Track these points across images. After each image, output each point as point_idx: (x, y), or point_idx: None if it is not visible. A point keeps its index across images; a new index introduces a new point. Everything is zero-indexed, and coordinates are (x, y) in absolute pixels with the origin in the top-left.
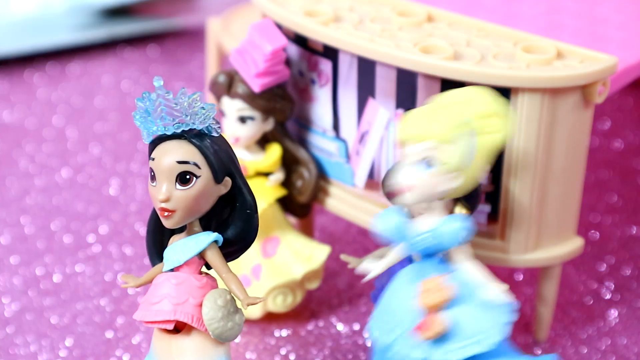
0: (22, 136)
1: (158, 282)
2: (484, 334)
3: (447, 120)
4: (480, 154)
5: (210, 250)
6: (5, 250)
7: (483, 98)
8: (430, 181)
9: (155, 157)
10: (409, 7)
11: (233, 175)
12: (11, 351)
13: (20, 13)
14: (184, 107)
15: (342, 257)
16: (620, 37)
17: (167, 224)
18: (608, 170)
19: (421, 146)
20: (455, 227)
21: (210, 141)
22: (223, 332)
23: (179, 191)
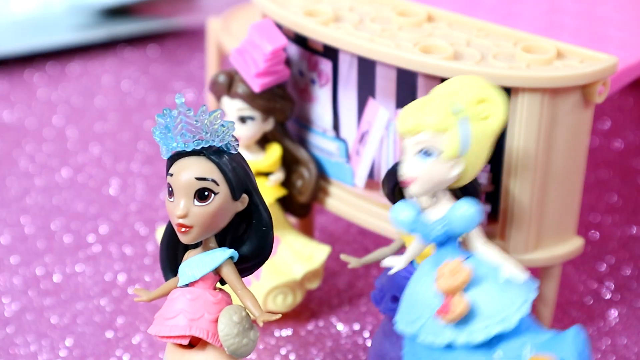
0: (22, 136)
1: (173, 297)
2: (505, 312)
3: (440, 109)
4: (478, 139)
5: (225, 266)
6: (5, 250)
7: (475, 85)
8: (431, 171)
9: (173, 172)
10: (409, 7)
11: (250, 192)
12: (11, 351)
13: (20, 13)
14: (204, 124)
15: (342, 257)
16: (620, 37)
17: (184, 239)
18: (608, 170)
19: (418, 138)
20: (464, 211)
21: (228, 158)
22: (238, 348)
23: (197, 207)
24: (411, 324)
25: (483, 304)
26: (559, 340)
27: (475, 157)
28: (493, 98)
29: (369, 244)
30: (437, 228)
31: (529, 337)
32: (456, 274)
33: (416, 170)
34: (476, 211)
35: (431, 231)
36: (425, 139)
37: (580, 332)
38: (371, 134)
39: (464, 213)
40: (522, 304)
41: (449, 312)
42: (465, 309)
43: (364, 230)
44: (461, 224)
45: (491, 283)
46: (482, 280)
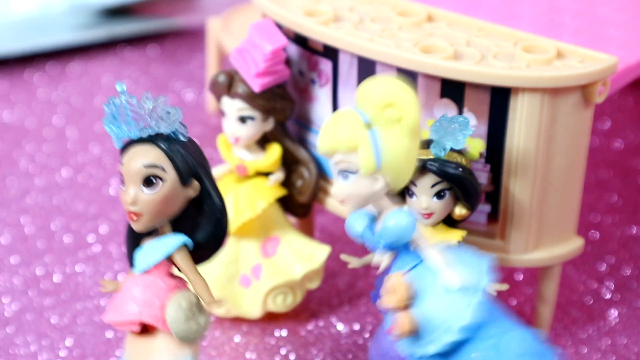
0: (22, 136)
1: (127, 284)
2: (447, 323)
3: (348, 126)
4: (393, 147)
5: (178, 253)
6: (5, 250)
7: (378, 89)
8: (353, 191)
9: (124, 161)
10: (409, 7)
11: (201, 178)
12: (11, 351)
13: (20, 13)
14: (148, 111)
15: (342, 257)
16: (620, 37)
17: (135, 227)
18: (608, 170)
19: (335, 159)
20: (394, 223)
21: (176, 144)
22: (187, 335)
23: (145, 195)
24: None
25: (427, 316)
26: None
27: (397, 164)
28: (398, 100)
29: None
30: (376, 241)
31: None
32: (398, 290)
33: (342, 190)
34: (407, 221)
35: (377, 243)
36: (340, 160)
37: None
38: None
39: (395, 224)
40: (464, 310)
41: (397, 330)
42: (409, 326)
43: None
44: (393, 235)
45: (433, 293)
46: (426, 291)
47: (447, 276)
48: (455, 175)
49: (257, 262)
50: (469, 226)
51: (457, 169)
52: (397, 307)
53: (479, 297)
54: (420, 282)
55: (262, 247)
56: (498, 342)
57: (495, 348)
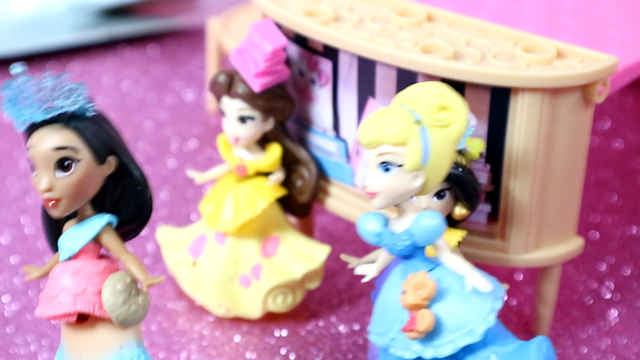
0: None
1: (55, 273)
2: (471, 325)
3: (400, 120)
4: (439, 148)
5: (104, 233)
6: (5, 250)
7: (435, 92)
8: (393, 184)
9: (31, 145)
10: (409, 6)
11: (117, 153)
12: (11, 351)
13: (20, 13)
14: (49, 90)
15: (342, 257)
16: (620, 37)
17: (54, 213)
18: (608, 170)
19: (379, 150)
20: (427, 223)
21: (87, 122)
22: (127, 317)
23: (61, 179)
24: (382, 335)
25: (448, 317)
26: (523, 350)
27: (437, 166)
28: (454, 105)
29: (368, 244)
30: (403, 240)
31: (495, 347)
32: (420, 288)
33: (378, 183)
34: (439, 222)
35: (396, 243)
36: (385, 151)
37: (543, 343)
38: None
39: (427, 225)
40: (488, 314)
41: (414, 329)
42: (430, 325)
43: None
44: (425, 235)
45: (456, 295)
46: (447, 293)
47: (476, 279)
48: (455, 175)
49: (257, 262)
50: (469, 226)
51: (457, 168)
52: (421, 304)
53: (500, 303)
54: (439, 284)
55: (262, 247)
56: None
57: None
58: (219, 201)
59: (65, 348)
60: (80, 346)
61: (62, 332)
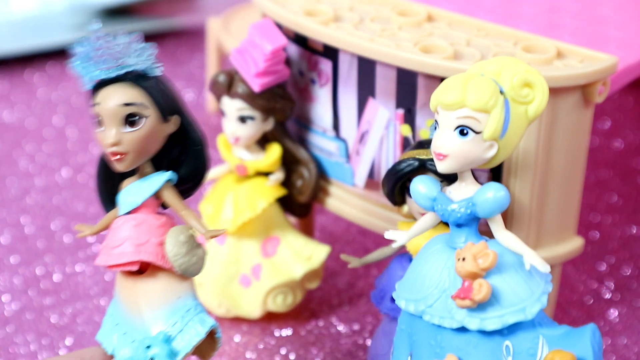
0: (22, 136)
1: (117, 225)
2: (524, 303)
3: (485, 88)
4: (516, 123)
5: (165, 189)
6: (5, 250)
7: (520, 67)
8: (467, 149)
9: (99, 101)
10: (409, 6)
11: (179, 113)
12: (11, 350)
13: (20, 13)
14: (125, 49)
15: (342, 257)
16: (620, 37)
17: (119, 167)
18: (608, 170)
19: (459, 113)
20: (492, 196)
21: (153, 80)
22: (189, 267)
23: (128, 133)
24: (415, 302)
25: (503, 291)
26: (575, 337)
27: (511, 140)
28: (538, 83)
29: (369, 244)
30: (463, 208)
31: (542, 329)
32: (481, 257)
33: (451, 146)
34: (505, 195)
35: (453, 210)
36: (467, 114)
37: (596, 331)
38: (371, 133)
39: (493, 196)
40: (541, 295)
41: (468, 297)
42: (487, 296)
43: (364, 230)
44: (488, 207)
45: (512, 270)
46: (503, 267)
47: (534, 258)
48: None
49: (257, 262)
50: None
51: None
52: (479, 273)
53: (551, 287)
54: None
55: (262, 247)
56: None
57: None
58: (219, 201)
59: (121, 298)
60: (138, 296)
61: (118, 282)
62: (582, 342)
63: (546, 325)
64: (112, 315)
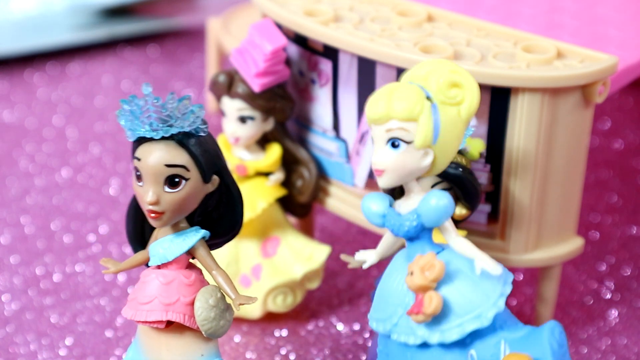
0: (22, 136)
1: (146, 279)
2: (480, 309)
3: (410, 95)
4: (449, 126)
5: (199, 247)
6: (5, 250)
7: (446, 68)
8: (399, 162)
9: (141, 157)
10: (409, 6)
11: (220, 173)
12: (11, 350)
13: (20, 13)
14: (173, 112)
15: (342, 257)
16: (620, 37)
17: (155, 224)
18: (608, 170)
19: (386, 127)
20: (436, 203)
21: (197, 142)
22: (216, 331)
23: (168, 194)
24: (383, 322)
25: (456, 300)
26: (534, 337)
27: (447, 145)
28: (466, 82)
29: (369, 244)
30: (409, 221)
31: (504, 333)
32: (428, 269)
33: (386, 160)
34: (448, 202)
35: (403, 224)
36: (395, 127)
37: (555, 328)
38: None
39: (436, 204)
40: (498, 298)
41: (421, 311)
42: (438, 307)
43: (364, 230)
44: (433, 216)
45: (464, 278)
46: (454, 276)
47: (486, 262)
48: (455, 175)
49: (257, 262)
50: (469, 226)
51: (457, 168)
52: (428, 286)
53: (510, 288)
54: (447, 267)
55: (262, 247)
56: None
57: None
58: None
59: (144, 348)
60: (161, 349)
61: (143, 332)
62: (539, 342)
63: (508, 327)
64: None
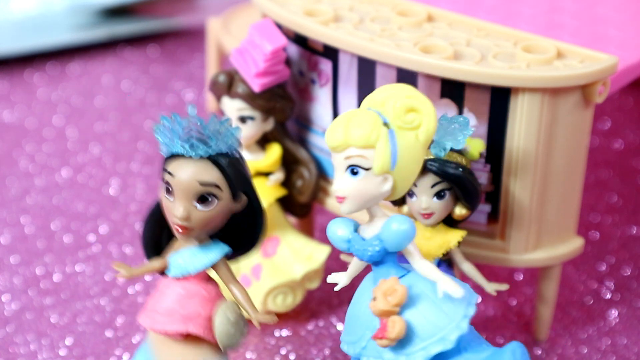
0: (22, 136)
1: (165, 289)
2: (443, 332)
3: (367, 122)
4: (407, 151)
5: (221, 262)
6: (5, 250)
7: (402, 93)
8: (359, 188)
9: (174, 173)
10: (409, 6)
11: (247, 192)
12: (11, 350)
13: (20, 13)
14: (212, 133)
15: (341, 257)
16: (620, 37)
17: (181, 238)
18: (608, 170)
19: (344, 154)
20: (396, 229)
21: (230, 162)
22: (233, 345)
23: (198, 211)
24: (353, 344)
25: (420, 323)
26: (497, 357)
27: (406, 169)
28: (422, 107)
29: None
30: (372, 246)
31: (468, 355)
32: (390, 294)
33: (346, 188)
34: (409, 227)
35: (366, 249)
36: (353, 154)
37: (516, 350)
38: None
39: (397, 229)
40: (461, 320)
41: (385, 336)
42: (401, 332)
43: None
44: (395, 240)
45: (427, 301)
46: (417, 299)
47: (448, 285)
48: (455, 175)
49: (257, 262)
50: (469, 226)
51: (457, 169)
52: (391, 311)
53: (473, 310)
54: (410, 290)
55: (262, 247)
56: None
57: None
58: None
59: (157, 355)
60: (175, 357)
61: (157, 341)
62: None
63: (472, 349)
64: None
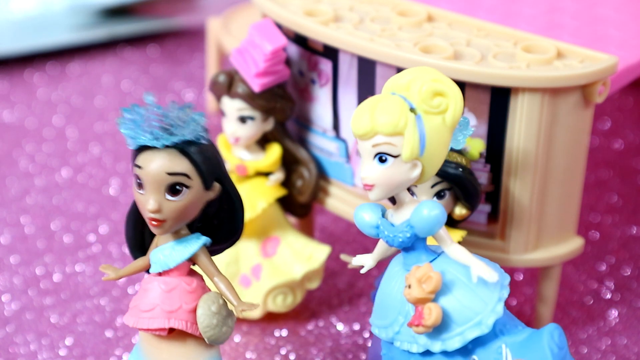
0: (22, 136)
1: (147, 287)
2: (479, 316)
3: (394, 108)
4: (435, 136)
5: (200, 254)
6: (5, 250)
7: (428, 77)
8: (388, 176)
9: (142, 165)
10: (409, 6)
11: (221, 180)
12: (11, 350)
13: (20, 13)
14: (175, 120)
15: (342, 257)
16: (620, 37)
17: (156, 232)
18: (608, 170)
19: (372, 142)
20: (428, 213)
21: (199, 149)
22: (218, 337)
23: (169, 202)
24: (385, 329)
25: (455, 309)
26: (534, 340)
27: (434, 154)
28: (449, 90)
29: (369, 244)
30: (403, 232)
31: (505, 338)
32: (425, 282)
33: (375, 175)
34: (440, 212)
35: (397, 235)
36: (381, 142)
37: (554, 331)
38: None
39: (428, 215)
40: (496, 304)
41: (421, 323)
42: (438, 319)
43: None
44: (426, 226)
45: (462, 286)
46: (452, 285)
47: (482, 269)
48: (455, 175)
49: (257, 262)
50: (469, 226)
51: (457, 169)
52: (427, 298)
53: (507, 292)
54: (444, 276)
55: (262, 247)
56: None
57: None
58: None
59: (146, 355)
60: (164, 356)
61: (145, 339)
62: (539, 346)
63: (508, 331)
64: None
